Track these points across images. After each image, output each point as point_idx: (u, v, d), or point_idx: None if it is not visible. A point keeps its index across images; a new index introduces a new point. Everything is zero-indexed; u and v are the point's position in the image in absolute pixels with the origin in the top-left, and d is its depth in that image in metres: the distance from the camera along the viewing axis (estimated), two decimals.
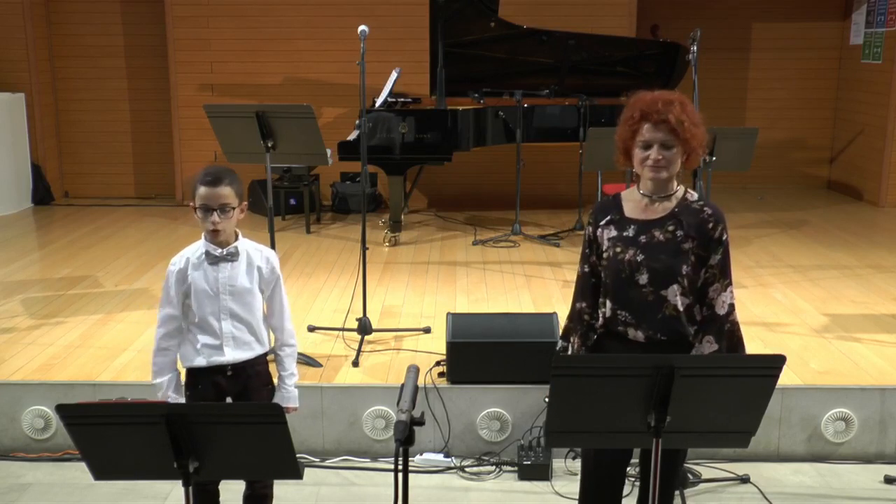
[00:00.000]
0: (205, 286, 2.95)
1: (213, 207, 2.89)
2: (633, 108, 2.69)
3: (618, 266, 2.71)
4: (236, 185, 2.94)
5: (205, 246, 2.98)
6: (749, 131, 5.54)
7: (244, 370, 3.02)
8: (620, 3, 8.59)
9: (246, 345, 3.01)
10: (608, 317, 2.76)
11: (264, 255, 3.07)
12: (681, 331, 2.69)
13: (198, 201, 2.91)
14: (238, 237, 3.02)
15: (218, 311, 2.97)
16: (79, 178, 9.14)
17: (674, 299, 2.67)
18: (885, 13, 8.48)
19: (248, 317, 3.01)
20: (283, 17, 8.55)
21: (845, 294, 5.64)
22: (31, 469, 4.08)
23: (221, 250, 2.96)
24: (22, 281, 5.97)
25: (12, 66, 8.52)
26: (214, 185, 2.89)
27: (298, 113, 4.40)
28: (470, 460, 4.14)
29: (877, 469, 4.07)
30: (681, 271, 2.67)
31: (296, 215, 8.03)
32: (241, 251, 3.00)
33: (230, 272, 2.97)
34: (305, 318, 5.12)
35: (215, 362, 2.98)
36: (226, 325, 2.97)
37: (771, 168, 9.35)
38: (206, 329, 2.98)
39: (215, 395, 3.01)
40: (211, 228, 2.91)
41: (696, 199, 2.75)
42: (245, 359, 3.01)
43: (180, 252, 3.03)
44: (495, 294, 5.68)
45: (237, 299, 2.98)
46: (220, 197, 2.89)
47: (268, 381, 3.12)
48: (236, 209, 2.94)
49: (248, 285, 3.00)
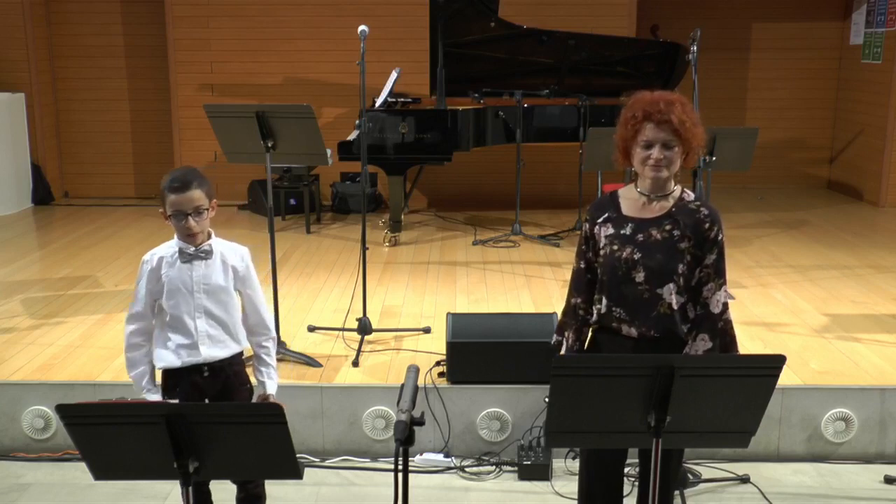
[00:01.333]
0: (179, 284, 2.95)
1: (187, 212, 2.88)
2: (635, 107, 2.71)
3: (614, 263, 2.73)
4: (206, 186, 2.92)
5: (178, 244, 2.97)
6: (749, 131, 5.54)
7: (222, 370, 3.02)
8: (620, 3, 8.59)
9: (221, 343, 3.00)
10: (603, 313, 2.78)
11: (238, 254, 3.06)
12: (673, 329, 2.72)
13: (169, 209, 2.89)
14: (211, 235, 3.01)
15: (192, 309, 2.96)
16: (79, 178, 9.14)
17: (669, 297, 2.70)
18: (885, 13, 8.48)
19: (223, 315, 3.00)
20: (283, 17, 8.55)
21: (845, 294, 5.64)
22: (31, 469, 4.08)
23: (194, 248, 2.96)
24: (22, 281, 5.97)
25: (12, 66, 8.52)
26: (184, 189, 2.86)
27: (298, 113, 4.40)
28: (470, 460, 4.14)
29: (877, 469, 4.07)
30: (677, 270, 2.69)
31: (296, 215, 8.03)
32: (214, 249, 2.99)
33: (204, 270, 2.97)
34: (305, 318, 5.12)
35: (190, 362, 2.97)
36: (200, 324, 2.97)
37: (771, 168, 9.35)
38: (179, 328, 2.97)
39: (194, 396, 3.00)
40: (187, 234, 2.91)
41: (692, 199, 2.78)
42: (221, 357, 3.00)
43: (152, 250, 3.01)
44: (495, 294, 5.68)
45: (212, 297, 2.98)
46: (191, 201, 2.87)
47: (245, 380, 3.12)
48: (209, 209, 2.93)
49: (222, 283, 2.99)
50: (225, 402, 2.99)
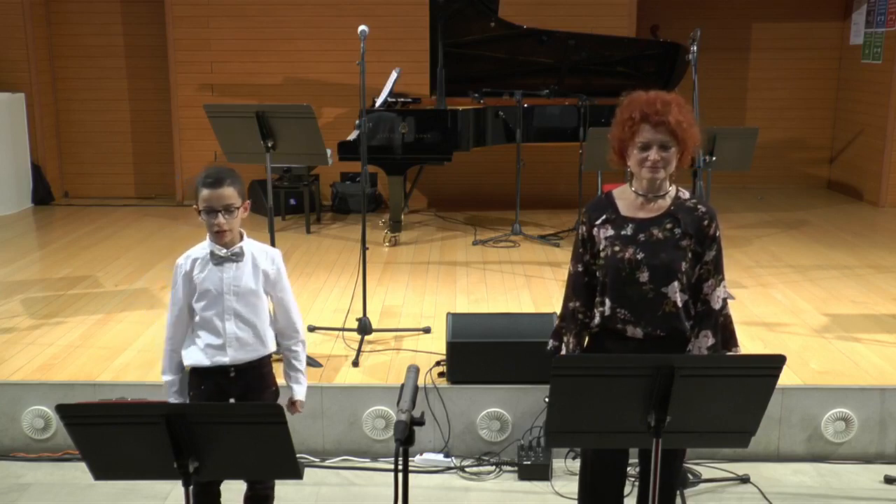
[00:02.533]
0: (209, 286, 2.94)
1: (218, 209, 2.87)
2: (631, 108, 2.70)
3: (617, 265, 2.73)
4: (238, 185, 2.93)
5: (210, 246, 2.96)
6: (749, 131, 5.54)
7: (247, 372, 3.01)
8: (620, 3, 8.59)
9: (249, 346, 2.99)
10: (607, 315, 2.77)
11: (269, 256, 3.05)
12: (679, 326, 2.73)
13: (201, 204, 2.89)
14: (243, 237, 3.01)
15: (222, 311, 2.95)
16: (79, 178, 9.14)
17: (674, 296, 2.70)
18: (885, 13, 8.48)
19: (253, 318, 2.99)
20: (283, 17, 8.55)
21: (845, 294, 5.64)
22: (31, 469, 4.08)
23: (226, 251, 2.95)
24: (22, 281, 5.97)
25: (12, 66, 8.52)
26: (217, 186, 2.87)
27: (298, 113, 4.40)
28: (470, 460, 4.14)
29: (877, 469, 4.07)
30: (680, 268, 2.70)
31: (296, 215, 8.04)
32: (246, 251, 2.98)
33: (235, 272, 2.96)
34: (305, 318, 5.08)
35: (218, 363, 2.97)
36: (229, 326, 2.96)
37: (771, 168, 9.35)
38: (209, 329, 2.96)
39: (218, 395, 3.00)
40: (217, 230, 2.90)
41: (688, 198, 2.80)
42: (247, 360, 3.00)
43: (185, 253, 3.02)
44: (495, 294, 5.68)
45: (241, 300, 2.97)
46: (223, 198, 2.88)
47: (271, 382, 3.11)
48: (240, 208, 2.93)
49: (252, 286, 2.98)
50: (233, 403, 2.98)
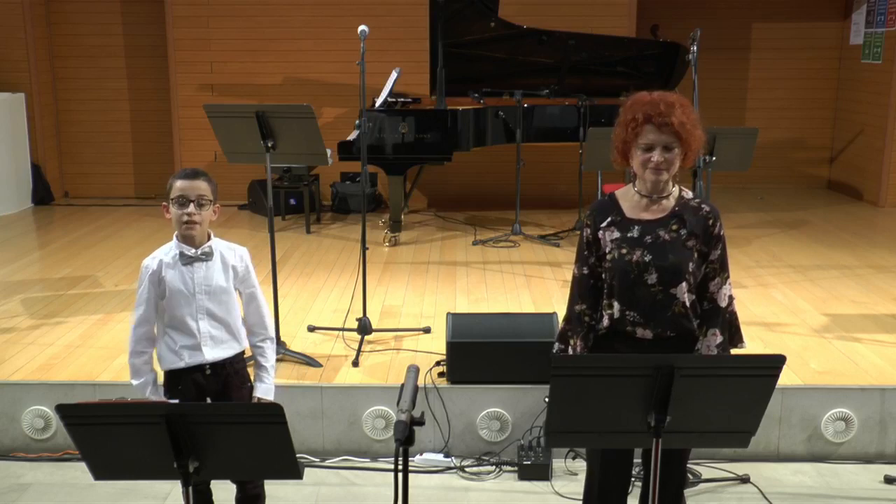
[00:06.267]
0: (180, 286, 2.97)
1: (191, 198, 2.91)
2: (635, 109, 2.68)
3: (625, 267, 2.72)
4: (213, 185, 2.99)
5: (178, 247, 2.99)
6: (749, 131, 5.54)
7: (223, 368, 3.05)
8: (620, 3, 8.59)
9: (224, 343, 3.04)
10: (616, 318, 2.76)
11: (238, 254, 3.09)
12: (688, 326, 2.74)
13: (174, 194, 2.93)
14: (210, 237, 3.03)
15: (195, 311, 2.98)
16: (79, 178, 9.14)
17: (682, 296, 2.70)
18: (885, 13, 8.47)
19: (225, 316, 3.03)
20: (283, 17, 8.55)
21: (845, 294, 5.64)
22: (31, 469, 4.08)
23: (195, 250, 2.98)
24: (22, 281, 5.97)
25: (12, 66, 8.52)
26: (192, 178, 2.94)
27: (298, 113, 4.40)
28: (470, 460, 4.14)
29: (877, 469, 4.07)
30: (688, 269, 2.70)
31: (296, 215, 8.04)
32: (214, 250, 3.02)
33: (205, 272, 2.99)
34: (305, 318, 5.12)
35: (194, 362, 3.00)
36: (203, 325, 2.99)
37: (771, 168, 9.35)
38: (182, 330, 2.99)
39: (196, 394, 3.02)
40: (186, 220, 2.92)
41: (692, 198, 2.79)
42: (223, 357, 3.04)
43: (151, 254, 3.03)
44: (495, 294, 5.68)
45: (213, 298, 3.00)
46: (197, 188, 2.92)
47: (246, 379, 3.15)
48: (211, 208, 2.96)
49: (224, 284, 3.02)
50: (225, 401, 3.01)
